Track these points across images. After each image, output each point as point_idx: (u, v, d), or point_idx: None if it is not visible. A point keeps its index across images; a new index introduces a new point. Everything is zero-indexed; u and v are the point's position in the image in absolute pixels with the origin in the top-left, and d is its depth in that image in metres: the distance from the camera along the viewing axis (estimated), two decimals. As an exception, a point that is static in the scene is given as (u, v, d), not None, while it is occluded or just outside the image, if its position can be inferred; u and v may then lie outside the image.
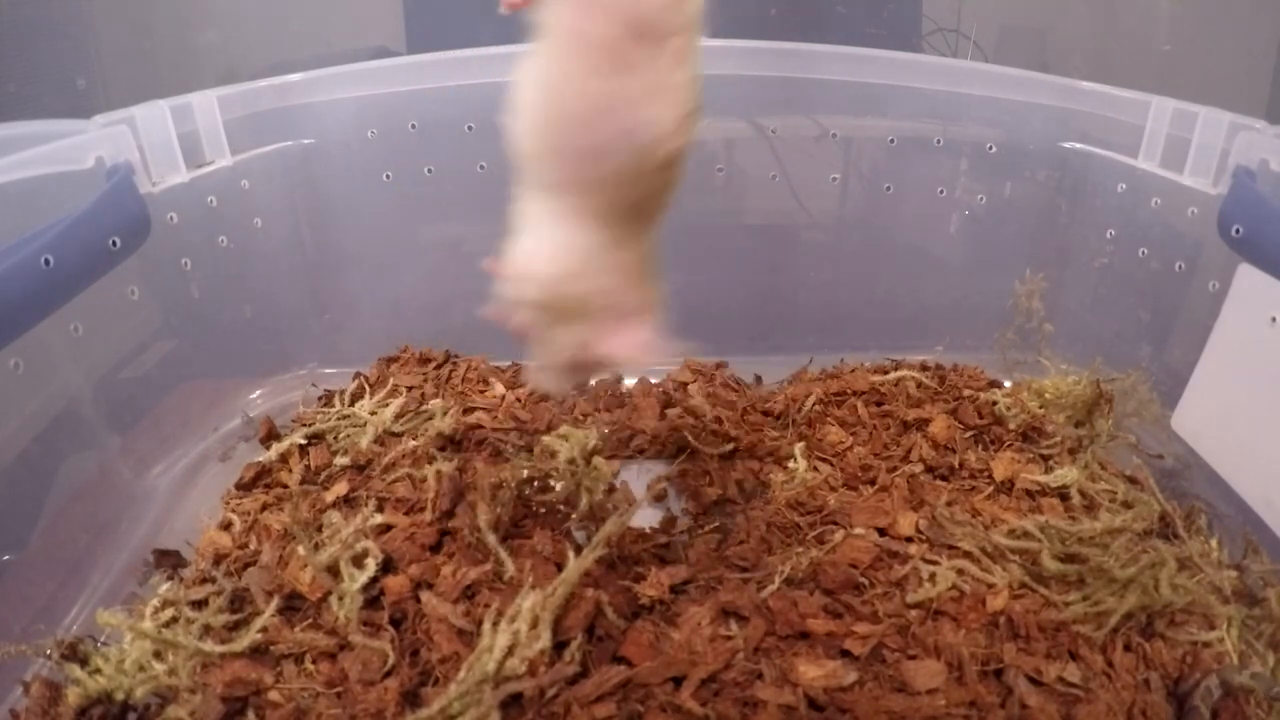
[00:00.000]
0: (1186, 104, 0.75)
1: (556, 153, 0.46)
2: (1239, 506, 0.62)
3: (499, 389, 0.82)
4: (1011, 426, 0.74)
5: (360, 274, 0.89)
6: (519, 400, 0.80)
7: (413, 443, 0.70)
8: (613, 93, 0.43)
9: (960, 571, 0.57)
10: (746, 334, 0.92)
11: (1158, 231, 0.79)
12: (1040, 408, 0.75)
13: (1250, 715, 0.47)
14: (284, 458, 0.71)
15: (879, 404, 0.79)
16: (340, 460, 0.70)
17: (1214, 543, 0.61)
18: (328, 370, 0.88)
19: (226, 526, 0.64)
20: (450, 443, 0.72)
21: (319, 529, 0.60)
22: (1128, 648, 0.51)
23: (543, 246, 0.48)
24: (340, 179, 0.84)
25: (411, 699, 0.47)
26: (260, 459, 0.71)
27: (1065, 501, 0.65)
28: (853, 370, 0.85)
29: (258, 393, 0.85)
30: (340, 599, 0.54)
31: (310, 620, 0.54)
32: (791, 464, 0.69)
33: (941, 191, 0.89)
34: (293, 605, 0.55)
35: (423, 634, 0.51)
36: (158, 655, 0.50)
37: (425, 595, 0.53)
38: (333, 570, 0.55)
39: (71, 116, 0.68)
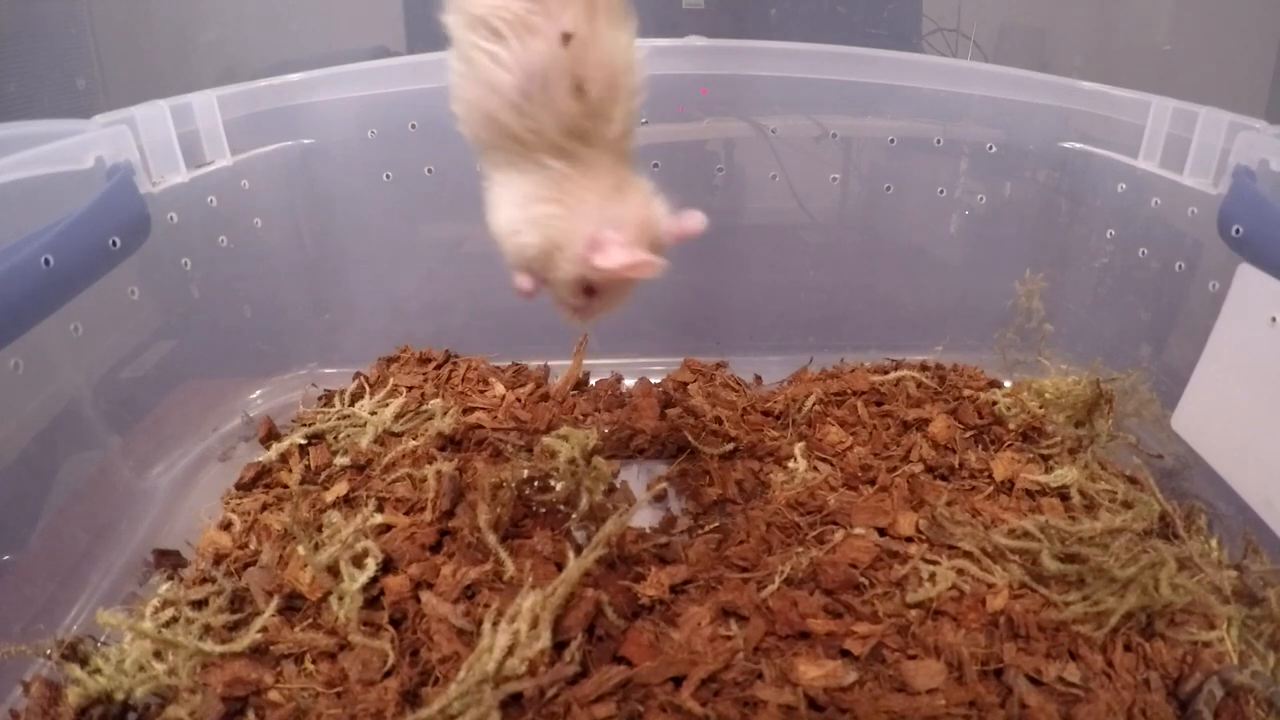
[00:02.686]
0: (1186, 104, 0.75)
1: (469, 116, 0.48)
2: (1239, 506, 0.62)
3: (499, 389, 0.82)
4: (1011, 426, 0.74)
5: (360, 274, 0.89)
6: (519, 400, 0.80)
7: (413, 443, 0.70)
8: (488, 47, 0.45)
9: (960, 571, 0.57)
10: (746, 334, 0.92)
11: (1158, 231, 0.79)
12: (1040, 408, 0.75)
13: (1250, 715, 0.47)
14: (284, 458, 0.71)
15: (879, 404, 0.79)
16: (340, 460, 0.70)
17: (1214, 543, 0.61)
18: (328, 370, 0.88)
19: (226, 526, 0.64)
20: (450, 443, 0.72)
21: (319, 529, 0.60)
22: (1128, 648, 0.51)
23: (494, 207, 0.50)
24: (340, 179, 0.84)
25: (411, 699, 0.47)
26: (260, 459, 0.71)
27: (1065, 501, 0.65)
28: (853, 370, 0.85)
29: (258, 393, 0.85)
30: (340, 599, 0.54)
31: (310, 620, 0.54)
32: (791, 464, 0.69)
33: (941, 191, 0.89)
34: (293, 605, 0.55)
35: (423, 634, 0.51)
36: (158, 655, 0.50)
37: (425, 595, 0.53)
38: (333, 570, 0.55)
39: (71, 116, 0.67)
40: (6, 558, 0.56)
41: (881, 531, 0.61)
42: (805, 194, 0.91)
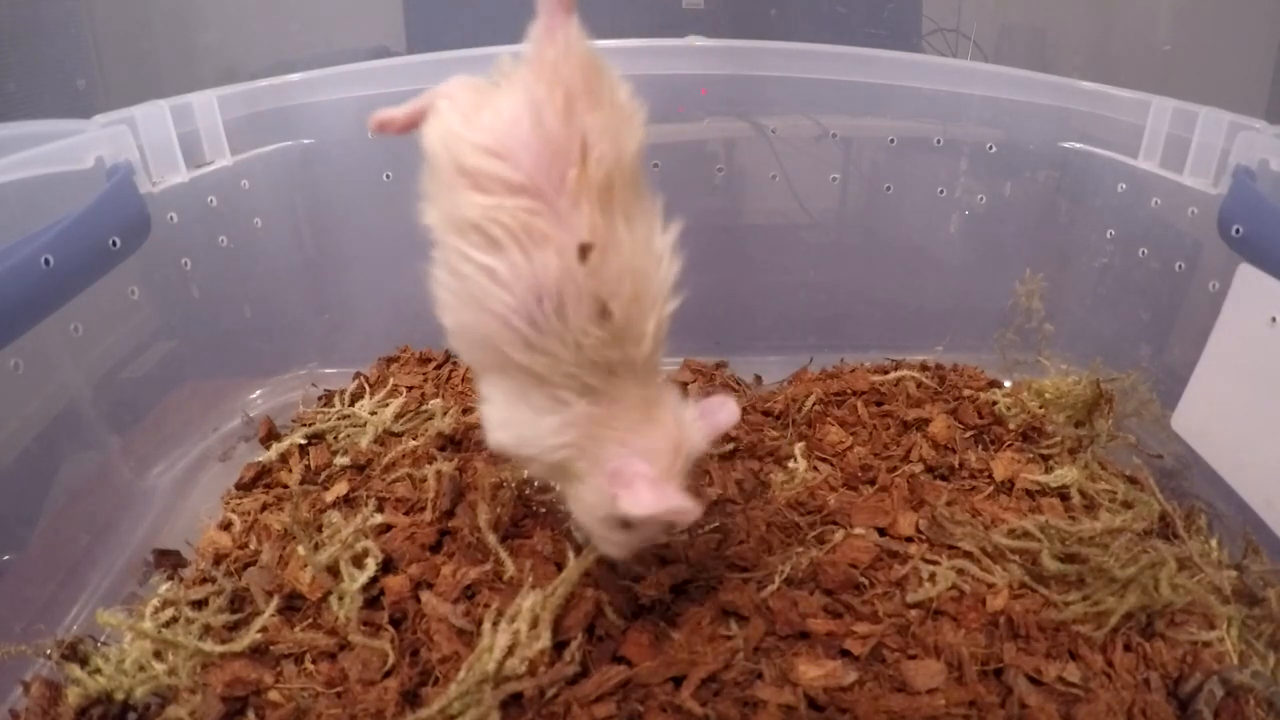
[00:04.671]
0: (1186, 104, 0.75)
1: (460, 336, 0.42)
2: (1239, 506, 0.62)
3: (499, 389, 0.82)
4: (1011, 426, 0.74)
5: (360, 274, 0.89)
6: (519, 400, 0.80)
7: (413, 443, 0.70)
8: (488, 264, 0.37)
9: (960, 571, 0.57)
10: (746, 334, 0.92)
11: (1158, 231, 0.79)
12: (1040, 408, 0.75)
13: (1250, 715, 0.47)
14: (284, 458, 0.71)
15: (879, 404, 0.79)
16: (340, 460, 0.70)
17: (1214, 543, 0.61)
18: (328, 370, 0.88)
19: (226, 526, 0.64)
20: (450, 443, 0.72)
21: (319, 529, 0.60)
22: (1128, 648, 0.51)
23: (490, 419, 0.43)
24: (340, 179, 0.84)
25: (411, 699, 0.47)
26: (260, 459, 0.71)
27: (1065, 501, 0.65)
28: (853, 370, 0.85)
29: (258, 393, 0.85)
30: (340, 599, 0.54)
31: (310, 620, 0.54)
32: (791, 464, 0.69)
33: (941, 191, 0.89)
34: (293, 605, 0.55)
35: (423, 634, 0.51)
36: (158, 655, 0.50)
37: (425, 595, 0.53)
38: (333, 570, 0.55)
39: (71, 116, 0.67)
40: (6, 558, 0.56)
41: (881, 531, 0.61)
42: (805, 194, 0.90)
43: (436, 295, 0.41)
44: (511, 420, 0.42)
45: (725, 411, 0.45)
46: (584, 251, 0.35)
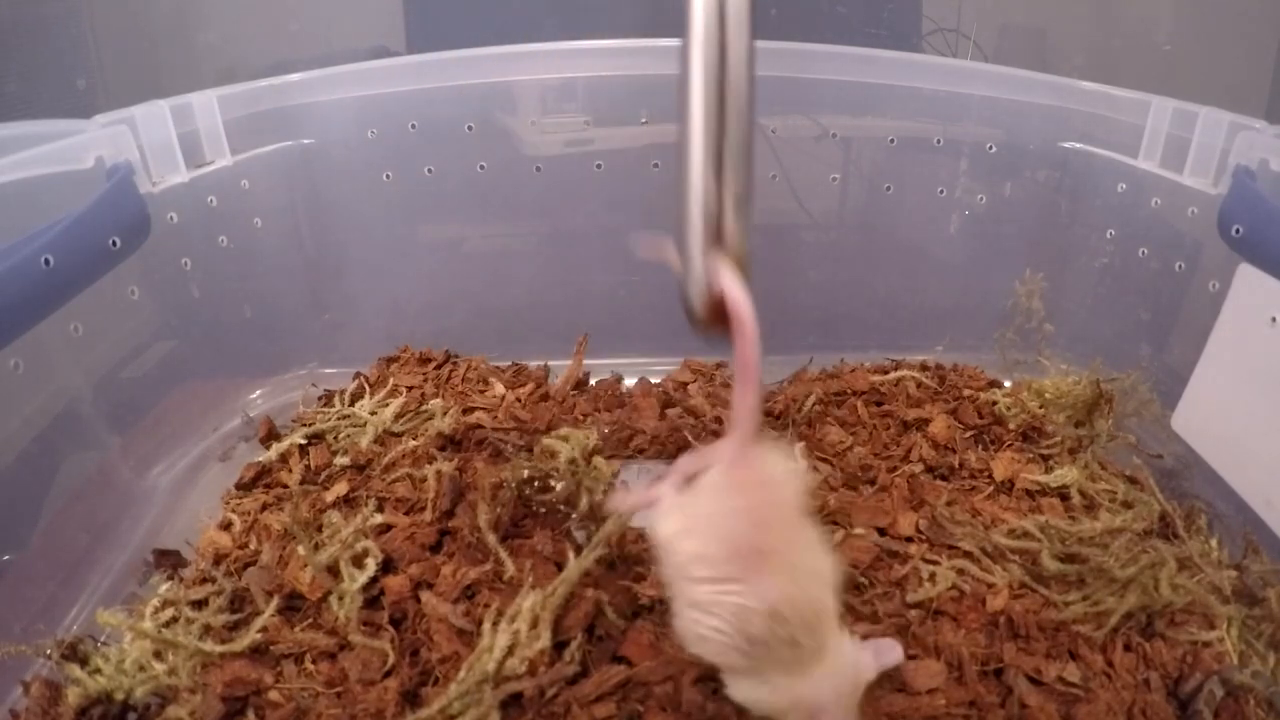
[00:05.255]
0: (1186, 104, 0.75)
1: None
2: (1239, 506, 0.62)
3: (499, 389, 0.82)
4: (1011, 426, 0.74)
5: (360, 274, 0.89)
6: (519, 400, 0.80)
7: (413, 443, 0.70)
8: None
9: (960, 571, 0.57)
10: (746, 334, 0.92)
11: (1158, 231, 0.79)
12: (1040, 408, 0.75)
13: (1250, 715, 0.47)
14: (284, 458, 0.71)
15: (879, 404, 0.79)
16: (340, 460, 0.70)
17: (1214, 543, 0.61)
18: (328, 370, 0.88)
19: (226, 526, 0.64)
20: (450, 443, 0.72)
21: (319, 529, 0.60)
22: (1128, 648, 0.51)
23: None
24: (340, 179, 0.84)
25: (411, 699, 0.47)
26: (260, 459, 0.71)
27: (1065, 501, 0.65)
28: (853, 370, 0.85)
29: (258, 393, 0.85)
30: (340, 599, 0.54)
31: (310, 620, 0.54)
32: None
33: (941, 191, 0.89)
34: (293, 605, 0.55)
35: (423, 634, 0.51)
36: (158, 655, 0.50)
37: (425, 595, 0.53)
38: (333, 570, 0.55)
39: (71, 116, 0.67)
40: (6, 558, 0.56)
41: (881, 531, 0.61)
42: (805, 194, 0.90)
43: (679, 613, 0.46)
44: (735, 689, 0.47)
45: (892, 654, 0.48)
46: (775, 615, 0.42)
